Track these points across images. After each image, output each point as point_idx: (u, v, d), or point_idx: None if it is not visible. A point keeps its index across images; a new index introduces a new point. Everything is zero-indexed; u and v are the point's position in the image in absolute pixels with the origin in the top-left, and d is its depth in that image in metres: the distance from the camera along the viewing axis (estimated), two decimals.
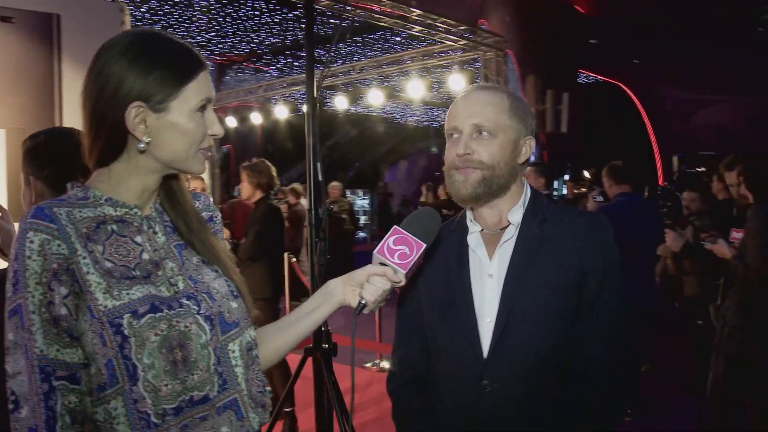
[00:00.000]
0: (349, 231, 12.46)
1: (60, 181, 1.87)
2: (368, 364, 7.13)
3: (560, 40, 13.21)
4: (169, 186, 1.47)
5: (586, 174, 10.32)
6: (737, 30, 15.27)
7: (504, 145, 1.74)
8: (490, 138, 1.73)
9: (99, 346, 1.25)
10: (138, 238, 1.37)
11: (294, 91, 15.21)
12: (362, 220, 21.53)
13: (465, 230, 1.85)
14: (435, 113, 27.18)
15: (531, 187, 1.87)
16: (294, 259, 7.33)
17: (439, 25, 10.58)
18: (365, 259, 1.61)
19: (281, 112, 13.67)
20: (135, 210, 1.38)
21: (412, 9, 10.03)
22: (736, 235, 3.99)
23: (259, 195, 5.32)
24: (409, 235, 1.55)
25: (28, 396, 1.22)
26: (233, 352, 1.41)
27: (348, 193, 18.39)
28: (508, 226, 1.80)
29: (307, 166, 2.98)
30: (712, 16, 14.14)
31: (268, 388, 1.52)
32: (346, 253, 11.75)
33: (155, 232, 1.41)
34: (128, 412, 1.26)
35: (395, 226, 1.58)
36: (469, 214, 1.86)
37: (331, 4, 9.08)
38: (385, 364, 7.06)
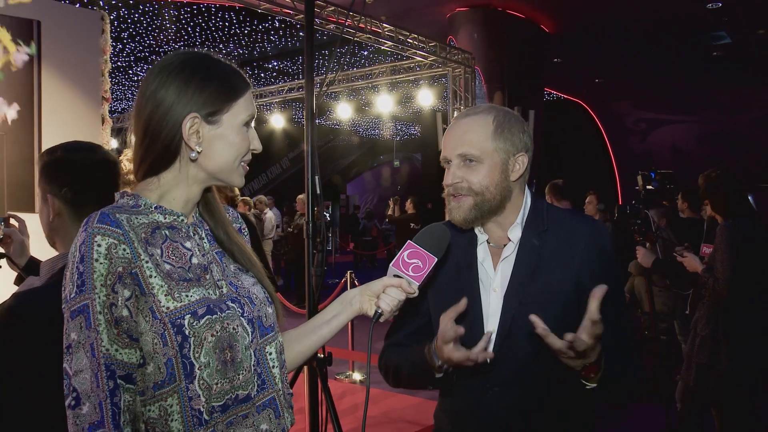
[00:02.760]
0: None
1: (80, 200, 1.85)
2: (340, 376, 7.16)
3: (526, 57, 13.46)
4: (207, 198, 1.56)
5: None
6: (694, 52, 15.76)
7: (492, 169, 1.81)
8: (477, 164, 1.80)
9: (160, 345, 1.33)
10: (188, 244, 1.45)
11: (263, 102, 15.23)
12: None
13: (474, 239, 1.93)
14: (398, 127, 27.38)
15: (532, 196, 1.93)
16: None
17: (410, 41, 10.72)
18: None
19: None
20: (182, 218, 1.47)
21: (383, 24, 10.15)
22: (706, 250, 4.14)
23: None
24: (423, 249, 1.65)
25: (90, 393, 1.27)
26: (270, 354, 1.51)
27: None
28: (510, 241, 1.88)
29: (305, 178, 3.04)
30: (671, 39, 14.58)
31: (290, 391, 1.60)
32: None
33: (202, 238, 1.50)
34: (182, 410, 1.34)
35: (409, 240, 1.68)
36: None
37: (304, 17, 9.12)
38: (357, 376, 7.11)
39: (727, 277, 3.70)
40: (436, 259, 1.65)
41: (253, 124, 1.51)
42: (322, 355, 3.16)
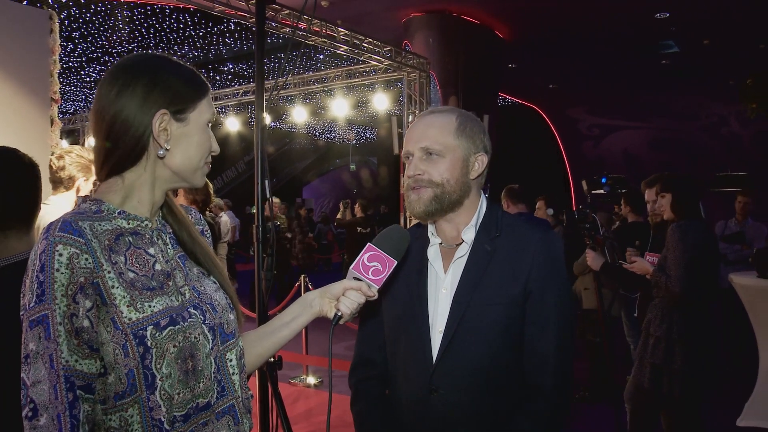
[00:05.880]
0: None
1: None
2: (294, 380, 7.14)
3: (481, 63, 13.59)
4: (168, 200, 1.54)
5: None
6: (644, 60, 16.09)
7: (453, 163, 1.86)
8: (439, 158, 1.85)
9: (121, 356, 1.30)
10: (151, 250, 1.43)
11: (218, 105, 15.08)
12: None
13: (426, 242, 1.96)
14: (355, 130, 27.38)
15: (487, 201, 1.97)
16: None
17: (365, 45, 10.73)
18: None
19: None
20: (146, 222, 1.44)
21: (339, 29, 10.14)
22: (651, 259, 4.21)
23: None
24: (383, 252, 1.67)
25: (48, 404, 1.24)
26: (231, 360, 1.50)
27: None
28: (463, 242, 1.91)
29: (255, 182, 3.03)
30: (623, 46, 14.87)
31: (251, 392, 1.60)
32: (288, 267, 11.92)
33: (165, 243, 1.48)
34: (143, 420, 1.32)
35: (369, 243, 1.69)
36: (431, 227, 1.97)
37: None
38: (311, 380, 7.09)
39: (680, 275, 3.75)
40: (396, 262, 1.67)
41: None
42: (272, 359, 3.15)
